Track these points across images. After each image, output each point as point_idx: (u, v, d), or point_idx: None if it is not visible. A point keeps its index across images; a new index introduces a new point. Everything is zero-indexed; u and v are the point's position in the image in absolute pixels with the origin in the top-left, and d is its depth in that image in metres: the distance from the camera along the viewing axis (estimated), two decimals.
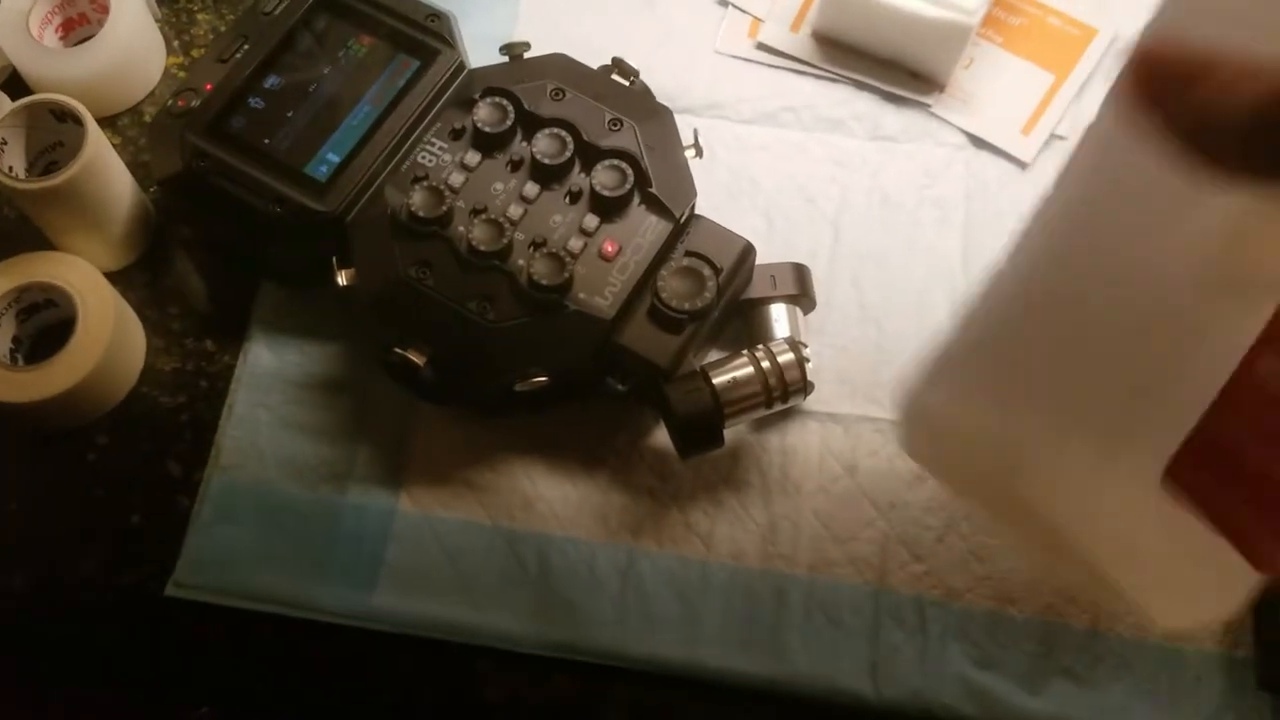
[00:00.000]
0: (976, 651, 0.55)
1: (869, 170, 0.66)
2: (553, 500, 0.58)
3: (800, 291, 0.60)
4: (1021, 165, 0.65)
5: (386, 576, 0.56)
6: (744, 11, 0.69)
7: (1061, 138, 0.66)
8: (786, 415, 0.60)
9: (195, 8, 0.71)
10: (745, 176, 0.65)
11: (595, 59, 0.60)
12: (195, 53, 0.69)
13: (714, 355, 0.59)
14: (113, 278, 0.61)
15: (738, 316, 0.60)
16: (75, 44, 0.67)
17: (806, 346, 0.58)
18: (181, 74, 0.68)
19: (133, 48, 0.66)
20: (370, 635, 0.56)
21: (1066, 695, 0.55)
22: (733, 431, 0.59)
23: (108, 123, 0.67)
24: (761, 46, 0.68)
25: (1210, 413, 0.29)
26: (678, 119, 0.60)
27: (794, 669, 0.55)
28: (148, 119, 0.67)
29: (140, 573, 0.57)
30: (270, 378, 0.60)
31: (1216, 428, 0.28)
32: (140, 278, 0.63)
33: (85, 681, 0.58)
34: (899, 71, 0.67)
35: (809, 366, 0.57)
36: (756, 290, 0.60)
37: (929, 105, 0.67)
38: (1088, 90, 0.67)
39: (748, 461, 0.59)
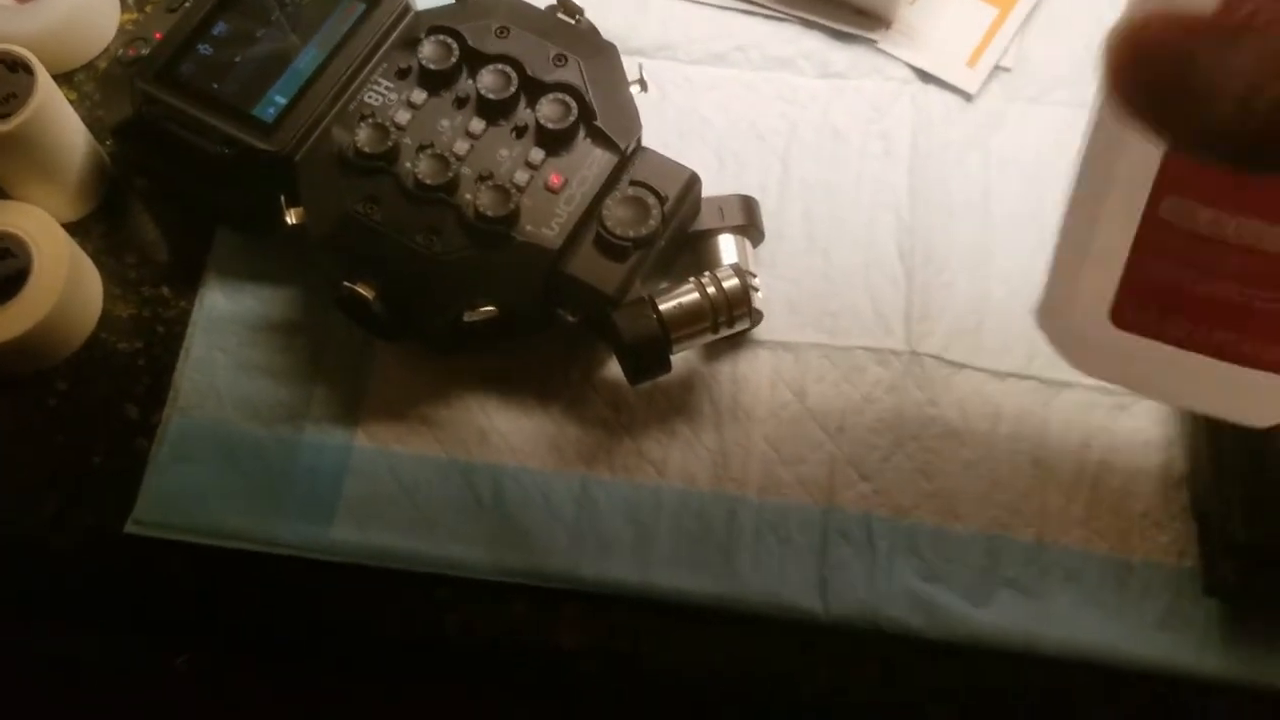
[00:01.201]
0: (923, 566, 0.56)
1: (818, 106, 0.66)
2: (507, 433, 0.59)
3: (748, 222, 0.61)
4: (967, 97, 0.66)
5: (344, 510, 0.57)
6: None
7: (1006, 69, 0.67)
8: (737, 345, 0.61)
9: None
10: (696, 115, 0.66)
11: (546, 1, 0.61)
12: (149, 8, 0.70)
13: (664, 286, 0.60)
14: (70, 228, 0.62)
15: (687, 250, 0.61)
16: (28, 2, 0.67)
17: (755, 276, 0.59)
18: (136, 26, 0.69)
19: (86, 4, 0.67)
20: (330, 568, 0.57)
21: (1013, 606, 0.56)
22: (684, 362, 0.60)
23: (64, 79, 0.68)
24: None
25: (1130, 256, 0.31)
26: (628, 60, 0.61)
27: (744, 587, 0.56)
28: None
29: (102, 513, 0.58)
30: (226, 321, 0.61)
31: (1139, 266, 0.31)
32: (97, 228, 0.64)
33: (56, 626, 0.59)
34: (845, 9, 0.68)
35: (757, 295, 0.58)
36: (705, 222, 0.60)
37: (875, 41, 0.67)
38: (1031, 23, 0.68)
39: (700, 390, 0.60)
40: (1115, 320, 0.32)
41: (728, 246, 0.60)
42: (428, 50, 0.58)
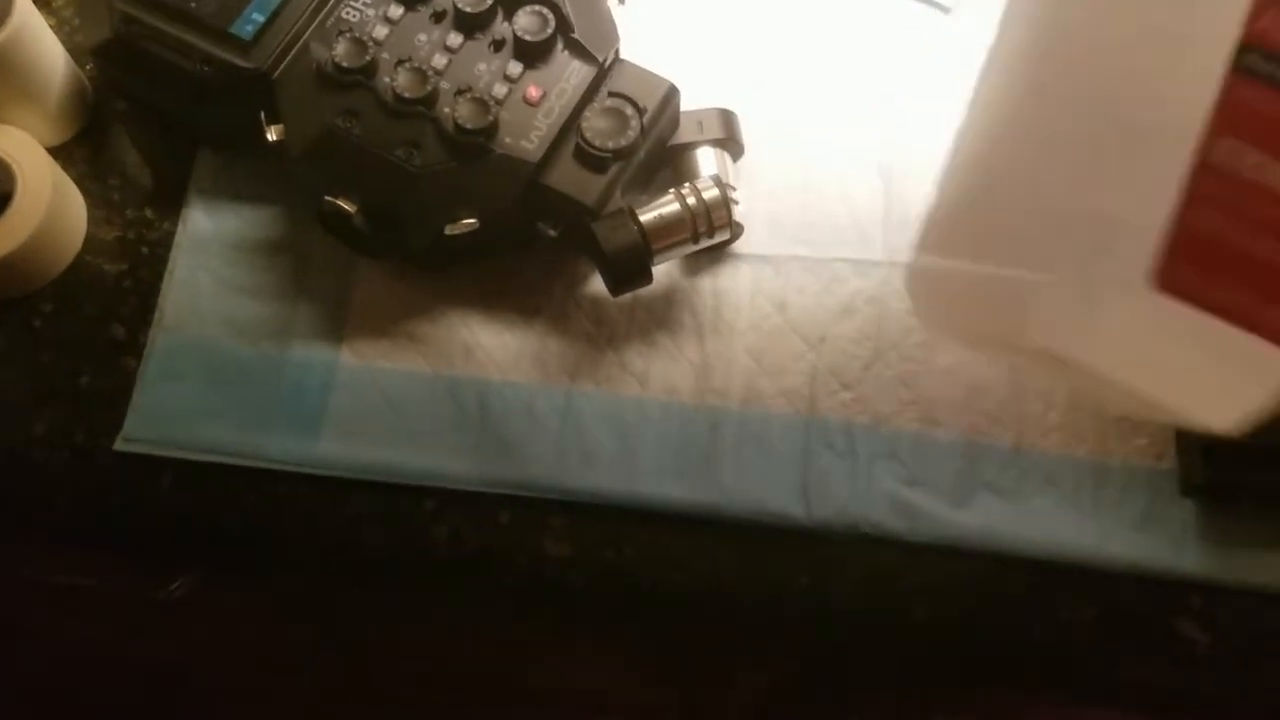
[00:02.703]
0: (903, 470, 0.57)
1: (797, 20, 0.66)
2: (491, 348, 0.60)
3: (727, 135, 0.61)
4: (944, 9, 0.66)
5: (330, 425, 0.58)
6: None
7: None
8: (718, 258, 0.61)
9: None
10: (675, 28, 0.66)
11: None
12: None
13: (645, 198, 0.60)
14: (53, 152, 0.62)
15: (667, 164, 0.61)
16: None
17: (734, 188, 0.59)
18: None
19: None
20: (318, 483, 0.58)
21: (991, 508, 0.57)
22: (666, 275, 0.60)
23: (43, 4, 0.67)
24: None
25: (1180, 209, 0.29)
26: None
27: (728, 494, 0.56)
28: None
29: (91, 432, 0.58)
30: (209, 241, 0.62)
31: (1190, 222, 0.29)
32: (80, 152, 0.64)
33: (47, 546, 0.60)
34: None
35: (737, 207, 0.58)
36: (684, 136, 0.61)
37: None
38: None
39: (681, 304, 0.60)
40: (1161, 280, 0.29)
41: (707, 159, 0.60)
42: None
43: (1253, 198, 0.28)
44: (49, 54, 0.61)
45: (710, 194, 0.56)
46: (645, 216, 0.56)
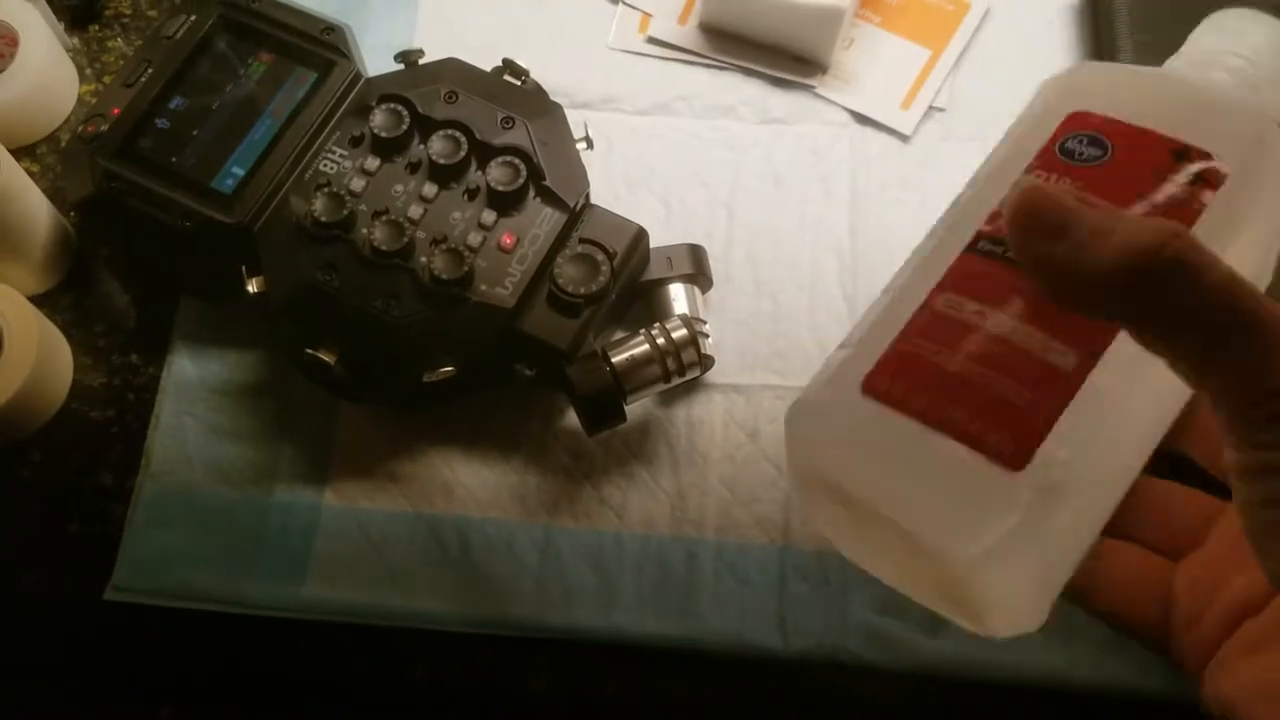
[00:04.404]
0: (877, 598, 0.58)
1: (759, 152, 0.69)
2: (471, 485, 0.61)
3: (697, 270, 0.63)
4: (903, 138, 0.68)
5: (314, 568, 0.59)
6: (634, 8, 0.72)
7: (940, 109, 0.69)
8: (691, 389, 0.63)
9: (106, 36, 0.73)
10: (642, 165, 0.68)
11: (493, 62, 0.63)
12: (108, 79, 0.71)
13: (618, 336, 0.62)
14: (38, 301, 0.63)
15: (639, 299, 0.63)
16: None
17: (705, 322, 0.61)
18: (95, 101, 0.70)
19: (44, 78, 0.68)
20: (301, 623, 0.59)
21: (963, 634, 0.57)
22: (641, 408, 0.62)
23: (26, 152, 0.69)
24: (652, 40, 0.71)
25: (894, 339, 0.35)
26: (574, 114, 0.63)
27: (706, 627, 0.58)
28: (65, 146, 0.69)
29: (82, 581, 0.59)
30: (194, 387, 0.63)
31: (899, 346, 0.34)
32: (65, 299, 0.66)
33: (38, 691, 0.61)
34: (783, 56, 0.70)
35: (708, 341, 0.60)
36: (654, 272, 0.62)
37: (813, 87, 0.70)
38: (963, 63, 0.70)
39: (656, 435, 0.62)
40: (866, 387, 0.34)
41: (678, 295, 0.62)
42: (379, 118, 0.60)
43: (951, 327, 0.34)
44: (33, 207, 0.63)
45: (680, 334, 0.58)
46: (617, 358, 0.58)
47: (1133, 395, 0.34)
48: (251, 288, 0.58)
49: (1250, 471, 0.28)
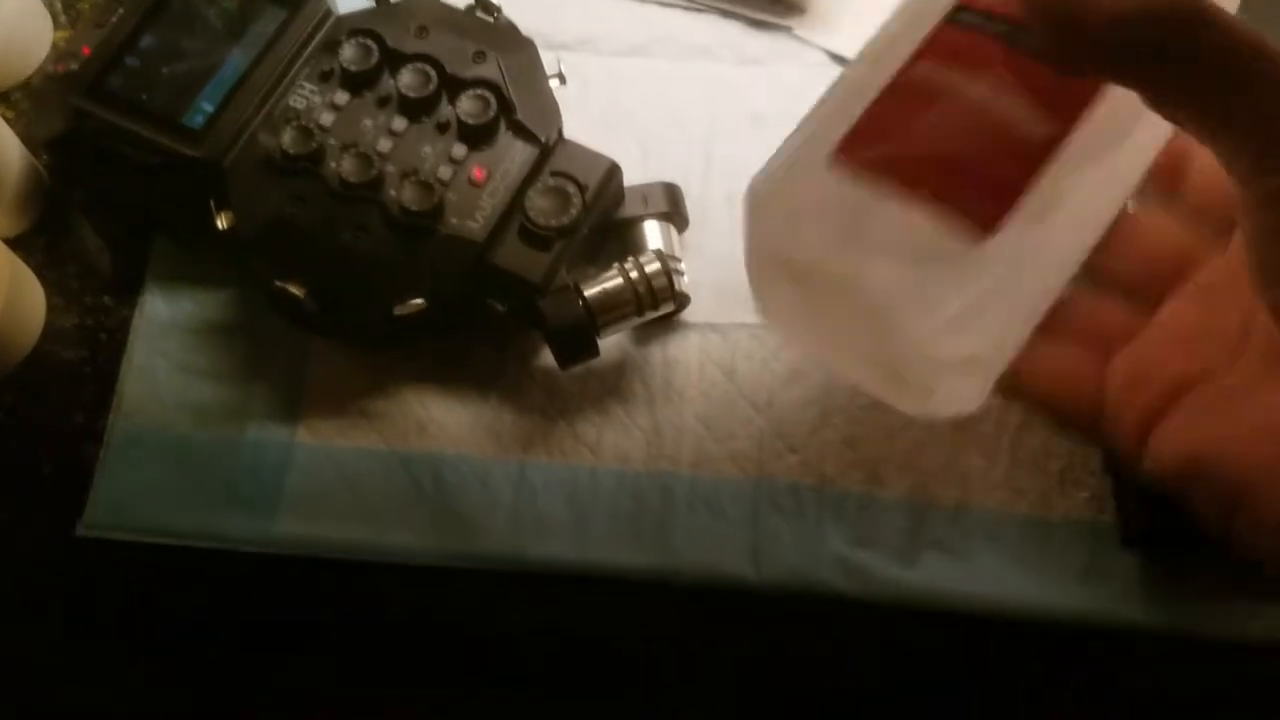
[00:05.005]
0: (851, 531, 0.58)
1: (737, 94, 0.68)
2: (445, 423, 0.61)
3: (672, 209, 0.62)
4: None
5: (288, 505, 0.59)
6: None
7: None
8: (667, 328, 0.63)
9: None
10: (618, 107, 0.68)
11: (465, 1, 0.63)
12: (80, 25, 0.71)
13: (591, 273, 0.62)
14: (11, 243, 0.63)
15: (613, 238, 0.63)
16: None
17: (680, 260, 0.61)
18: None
19: (19, 23, 0.68)
20: (277, 562, 0.58)
21: (938, 566, 0.58)
22: (617, 346, 0.62)
23: (0, 99, 0.69)
24: None
25: (867, 108, 0.35)
26: (550, 55, 0.62)
27: (680, 559, 0.58)
28: None
29: (55, 521, 0.59)
30: (166, 327, 0.63)
31: (871, 113, 0.35)
32: (38, 242, 0.65)
33: (9, 631, 0.61)
34: None
35: (683, 279, 0.60)
36: (629, 210, 0.62)
37: (791, 28, 0.69)
38: None
39: (632, 374, 0.62)
40: (839, 155, 0.34)
41: (653, 233, 0.62)
42: (348, 52, 0.60)
43: (924, 97, 0.34)
44: (7, 149, 0.63)
45: (652, 267, 0.58)
46: (590, 291, 0.57)
47: (1096, 172, 0.35)
48: (221, 223, 0.58)
49: (1260, 203, 0.29)
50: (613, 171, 0.60)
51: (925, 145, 0.34)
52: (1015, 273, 0.33)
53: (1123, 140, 0.35)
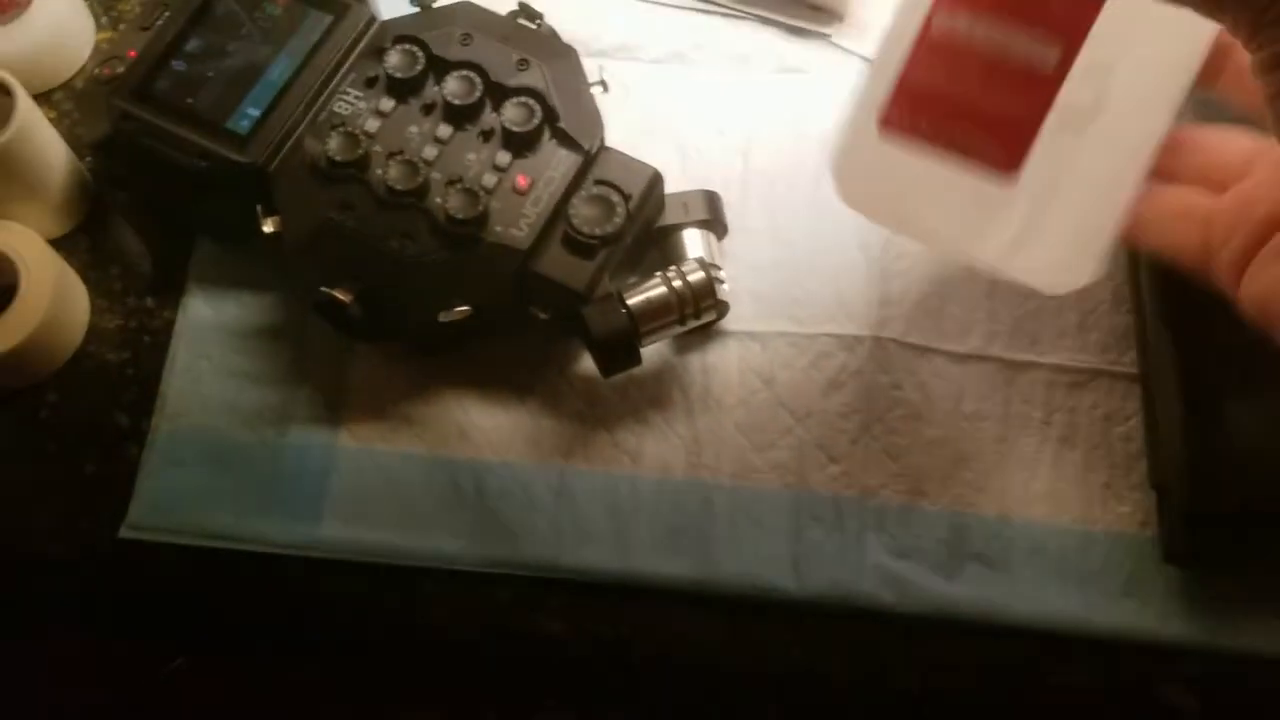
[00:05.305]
0: (892, 542, 0.58)
1: (776, 101, 0.68)
2: (486, 429, 0.61)
3: (712, 217, 0.62)
4: None
5: (330, 508, 0.59)
6: None
7: None
8: (706, 336, 0.63)
9: None
10: (658, 114, 0.68)
11: (508, 7, 0.63)
12: (123, 27, 0.71)
13: (633, 280, 0.62)
14: (55, 244, 0.64)
15: (654, 245, 0.63)
16: (4, 24, 0.68)
17: (720, 268, 0.61)
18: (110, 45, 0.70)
19: (61, 24, 0.69)
20: (318, 566, 0.59)
21: (980, 578, 0.58)
22: (656, 354, 0.62)
23: (43, 99, 0.69)
24: None
25: (903, 68, 0.42)
26: (591, 62, 0.62)
27: (720, 569, 0.58)
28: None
29: (97, 521, 0.60)
30: (209, 329, 0.63)
31: (910, 75, 0.42)
32: (82, 242, 0.66)
33: (54, 633, 0.61)
34: (800, 5, 0.70)
35: (723, 286, 0.60)
36: (670, 218, 0.62)
37: (829, 35, 0.69)
38: None
39: (671, 381, 0.62)
40: (883, 125, 0.41)
41: (693, 241, 0.62)
42: (394, 59, 0.60)
43: (945, 52, 0.40)
44: (51, 150, 0.63)
45: (696, 277, 0.58)
46: (633, 300, 0.57)
47: (1128, 75, 0.40)
48: (267, 227, 0.58)
49: (1268, 66, 0.33)
50: (655, 179, 0.60)
51: (948, 102, 0.40)
52: (1068, 181, 0.39)
53: (1140, 45, 0.40)
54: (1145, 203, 0.42)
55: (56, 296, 0.60)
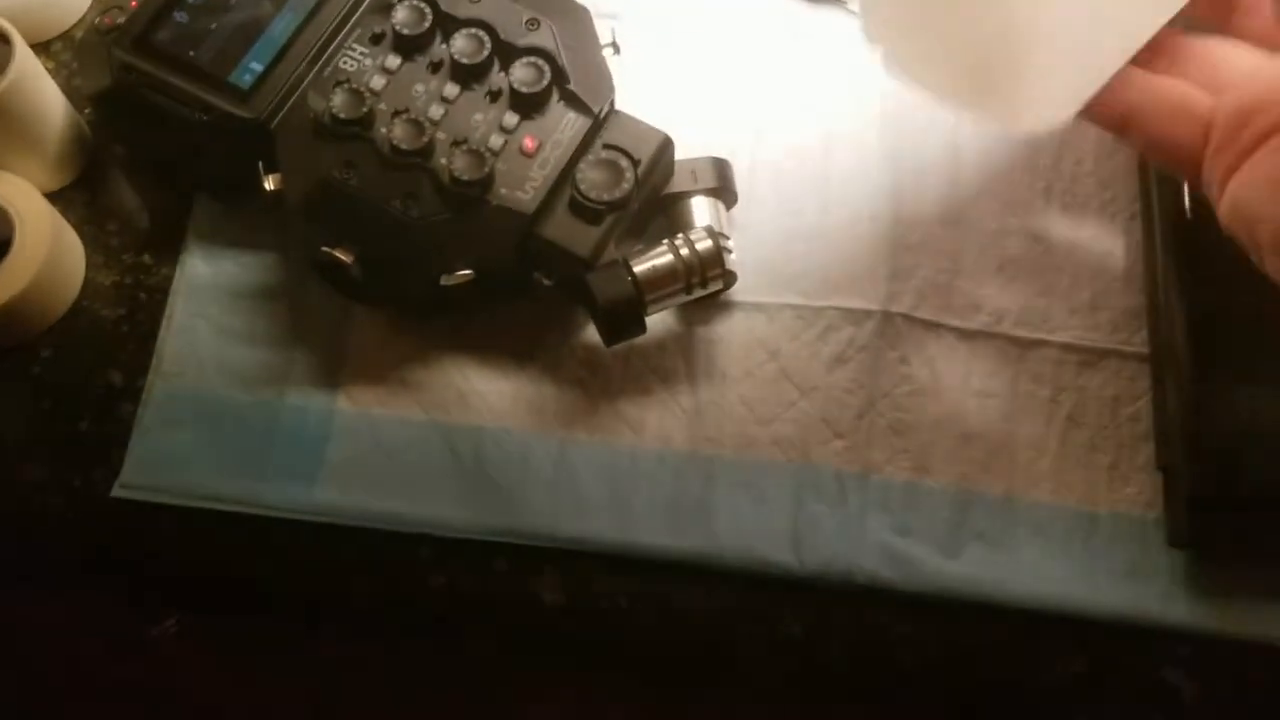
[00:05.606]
0: (894, 520, 0.57)
1: (789, 69, 0.67)
2: (486, 394, 0.60)
3: (721, 185, 0.61)
4: None
5: (327, 472, 0.58)
6: None
7: None
8: (712, 306, 0.62)
9: None
10: (669, 78, 0.67)
11: None
12: None
13: (639, 247, 0.61)
14: (52, 198, 0.62)
15: (661, 212, 0.62)
16: None
17: (728, 238, 0.60)
18: None
19: None
20: (314, 530, 0.58)
21: (982, 558, 0.57)
22: (660, 323, 0.61)
23: (41, 49, 0.68)
24: None
25: None
26: (601, 23, 0.61)
27: (719, 543, 0.57)
28: None
29: (89, 478, 0.59)
30: (207, 288, 0.62)
31: None
32: (79, 197, 0.65)
33: (45, 590, 0.60)
34: None
35: (730, 256, 0.59)
36: (678, 185, 0.61)
37: (845, 3, 0.68)
38: None
39: (675, 351, 0.61)
40: None
41: (701, 209, 0.61)
42: (401, 15, 0.58)
43: None
44: (49, 102, 0.62)
45: (704, 245, 0.57)
46: (639, 268, 0.56)
47: None
48: (268, 184, 0.57)
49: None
50: (665, 145, 0.59)
51: None
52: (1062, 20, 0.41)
53: None
54: (1141, 91, 0.41)
55: (52, 251, 0.59)
